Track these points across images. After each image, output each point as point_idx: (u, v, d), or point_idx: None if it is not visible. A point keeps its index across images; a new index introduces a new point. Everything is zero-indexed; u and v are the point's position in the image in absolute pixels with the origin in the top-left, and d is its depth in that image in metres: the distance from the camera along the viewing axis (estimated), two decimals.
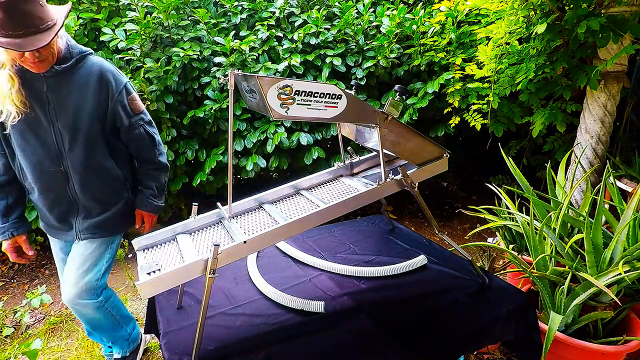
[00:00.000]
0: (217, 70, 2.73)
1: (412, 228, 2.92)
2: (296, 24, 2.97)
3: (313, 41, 2.87)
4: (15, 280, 2.93)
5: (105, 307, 1.68)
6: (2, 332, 2.33)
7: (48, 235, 1.72)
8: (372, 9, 3.03)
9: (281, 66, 2.71)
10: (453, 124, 2.74)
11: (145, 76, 2.63)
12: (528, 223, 1.86)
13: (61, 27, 1.31)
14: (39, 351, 2.00)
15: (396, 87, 1.44)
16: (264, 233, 1.25)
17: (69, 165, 1.50)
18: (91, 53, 1.52)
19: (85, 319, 1.71)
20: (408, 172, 1.46)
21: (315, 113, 1.22)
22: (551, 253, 1.80)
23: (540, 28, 1.95)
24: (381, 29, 2.83)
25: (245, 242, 1.21)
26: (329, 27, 2.93)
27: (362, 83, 2.83)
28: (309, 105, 1.20)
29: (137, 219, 1.74)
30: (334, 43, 2.96)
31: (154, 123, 1.68)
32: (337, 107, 1.25)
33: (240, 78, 1.24)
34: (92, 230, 1.61)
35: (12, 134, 1.46)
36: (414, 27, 2.70)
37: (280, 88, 1.13)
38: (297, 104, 1.18)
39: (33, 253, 1.60)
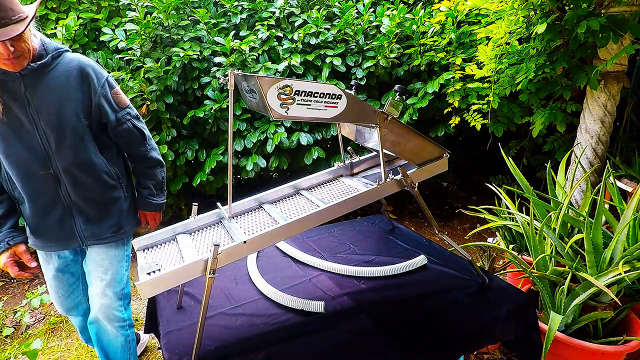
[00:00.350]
0: (217, 70, 2.73)
1: (412, 228, 2.92)
2: (296, 24, 2.97)
3: (313, 41, 2.87)
4: (15, 280, 2.94)
5: (128, 333, 1.64)
6: (2, 332, 2.34)
7: (40, 252, 1.61)
8: (372, 9, 3.02)
9: (281, 66, 2.71)
10: (453, 124, 2.74)
11: (145, 76, 2.63)
12: (528, 223, 1.86)
13: (32, 18, 1.27)
14: (39, 351, 2.01)
15: (396, 87, 1.44)
16: (264, 233, 1.25)
17: (58, 166, 1.42)
18: (67, 50, 1.46)
19: (102, 344, 1.62)
20: (408, 172, 1.46)
21: (315, 113, 1.22)
22: (551, 253, 1.80)
23: (540, 28, 1.95)
24: (381, 29, 2.83)
25: (245, 242, 1.21)
26: (329, 27, 2.93)
27: (362, 83, 2.83)
28: (309, 105, 1.20)
29: (142, 219, 1.74)
30: (334, 43, 2.96)
31: (141, 118, 1.63)
32: (337, 107, 1.25)
33: (240, 78, 1.23)
34: (97, 235, 1.55)
35: None
36: (414, 27, 2.70)
37: (280, 88, 1.13)
38: (297, 104, 1.18)
39: (36, 265, 1.49)
